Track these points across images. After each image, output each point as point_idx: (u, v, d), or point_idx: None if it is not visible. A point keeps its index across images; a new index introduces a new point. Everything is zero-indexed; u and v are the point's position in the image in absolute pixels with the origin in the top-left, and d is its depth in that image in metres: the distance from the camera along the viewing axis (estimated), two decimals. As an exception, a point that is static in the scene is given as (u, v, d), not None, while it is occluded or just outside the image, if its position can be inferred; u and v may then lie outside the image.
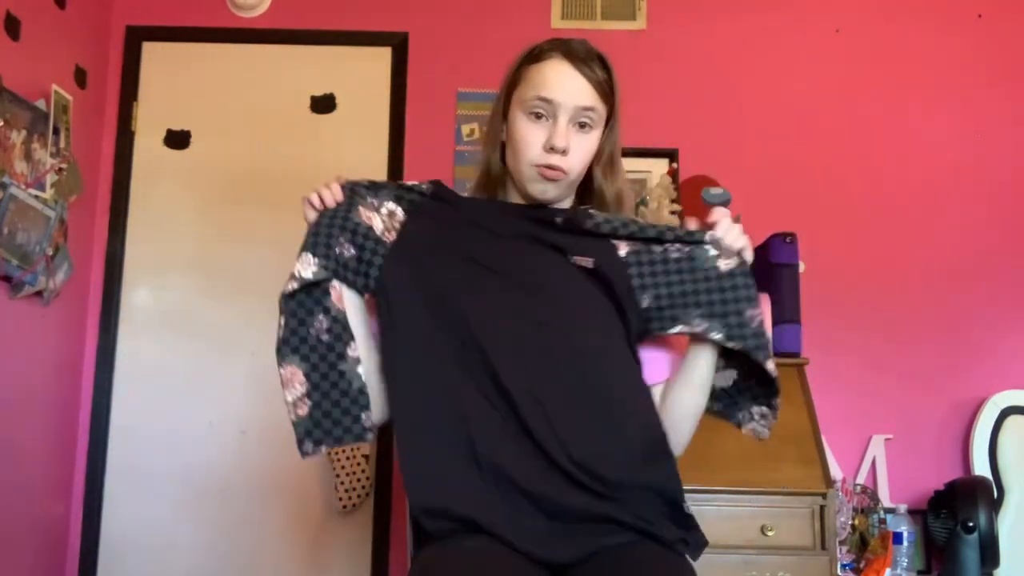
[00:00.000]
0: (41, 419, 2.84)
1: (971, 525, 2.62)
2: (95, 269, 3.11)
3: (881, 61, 3.20)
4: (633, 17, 3.24)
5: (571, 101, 1.42)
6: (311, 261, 1.36)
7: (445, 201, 1.46)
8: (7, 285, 2.58)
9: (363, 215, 1.41)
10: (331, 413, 1.36)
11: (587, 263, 1.38)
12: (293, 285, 1.35)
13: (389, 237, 1.41)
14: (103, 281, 3.11)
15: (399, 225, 1.42)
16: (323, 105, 3.22)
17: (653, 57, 3.19)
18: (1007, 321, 3.05)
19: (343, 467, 2.94)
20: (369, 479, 2.98)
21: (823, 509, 2.40)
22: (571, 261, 1.39)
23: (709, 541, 1.42)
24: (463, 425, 1.32)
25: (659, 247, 1.39)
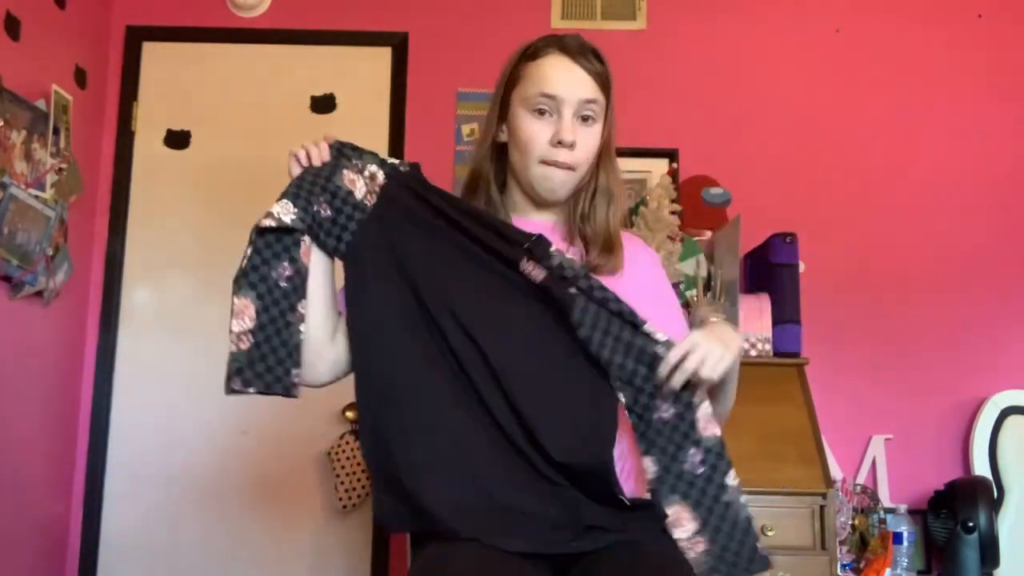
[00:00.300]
0: (41, 419, 2.84)
1: (971, 525, 2.62)
2: (95, 269, 3.11)
3: (881, 61, 3.20)
4: (633, 17, 3.24)
5: (574, 95, 1.43)
6: (291, 208, 1.38)
7: (417, 193, 1.44)
8: (7, 285, 2.58)
9: (346, 178, 1.43)
10: (267, 358, 1.39)
11: (538, 274, 1.36)
12: (269, 222, 1.37)
13: (370, 200, 1.43)
14: (103, 281, 3.11)
15: (379, 189, 1.44)
16: (323, 105, 3.22)
17: (653, 57, 3.19)
18: (1007, 321, 3.05)
19: (343, 467, 2.94)
20: (369, 479, 2.98)
21: (823, 509, 2.40)
22: (520, 269, 1.37)
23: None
24: (446, 436, 1.34)
25: (603, 310, 1.35)
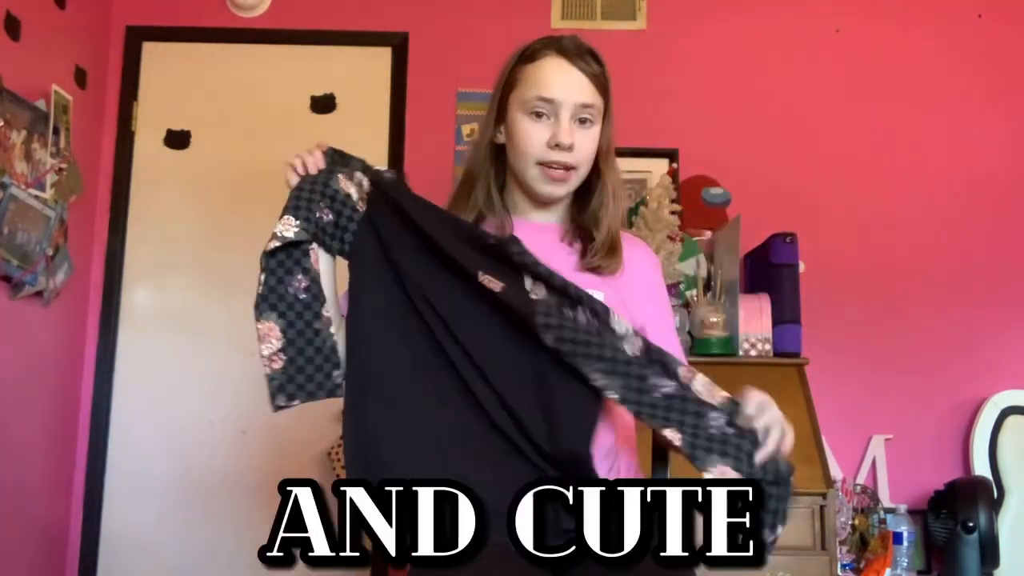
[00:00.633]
0: (41, 419, 2.84)
1: (971, 525, 2.62)
2: (95, 269, 3.11)
3: (881, 61, 3.20)
4: (633, 17, 3.24)
5: (571, 98, 1.43)
6: (292, 222, 1.40)
7: (395, 202, 1.45)
8: (7, 285, 2.58)
9: (342, 183, 1.46)
10: (304, 368, 1.41)
11: (495, 286, 1.34)
12: (275, 243, 1.40)
13: (361, 206, 1.46)
14: (103, 281, 3.11)
15: (366, 195, 1.47)
16: (323, 105, 3.22)
17: (653, 57, 3.19)
18: (1007, 321, 3.05)
19: (343, 467, 2.93)
20: (369, 479, 2.98)
21: (823, 509, 2.40)
22: (479, 279, 1.35)
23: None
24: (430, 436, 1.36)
25: (569, 311, 1.33)
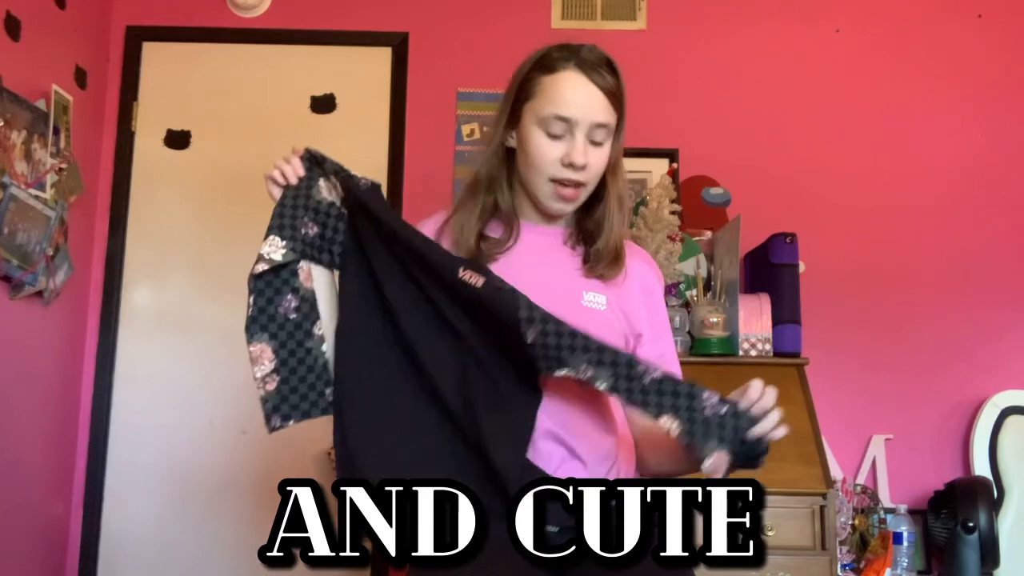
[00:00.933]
0: (41, 419, 2.83)
1: (971, 525, 2.62)
2: (95, 269, 3.11)
3: (881, 61, 3.20)
4: (633, 17, 3.24)
5: (588, 118, 1.42)
6: (279, 243, 1.41)
7: (368, 211, 1.44)
8: (7, 285, 2.58)
9: (324, 190, 1.46)
10: (298, 388, 1.42)
11: (476, 281, 1.35)
12: (262, 267, 1.40)
13: (345, 212, 1.46)
14: (103, 281, 3.11)
15: (342, 200, 1.46)
16: (323, 105, 3.22)
17: (653, 57, 3.18)
18: (1007, 321, 3.05)
19: (343, 467, 2.94)
20: (369, 479, 2.98)
21: (823, 509, 2.40)
22: (460, 275, 1.35)
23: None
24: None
25: (552, 319, 1.32)
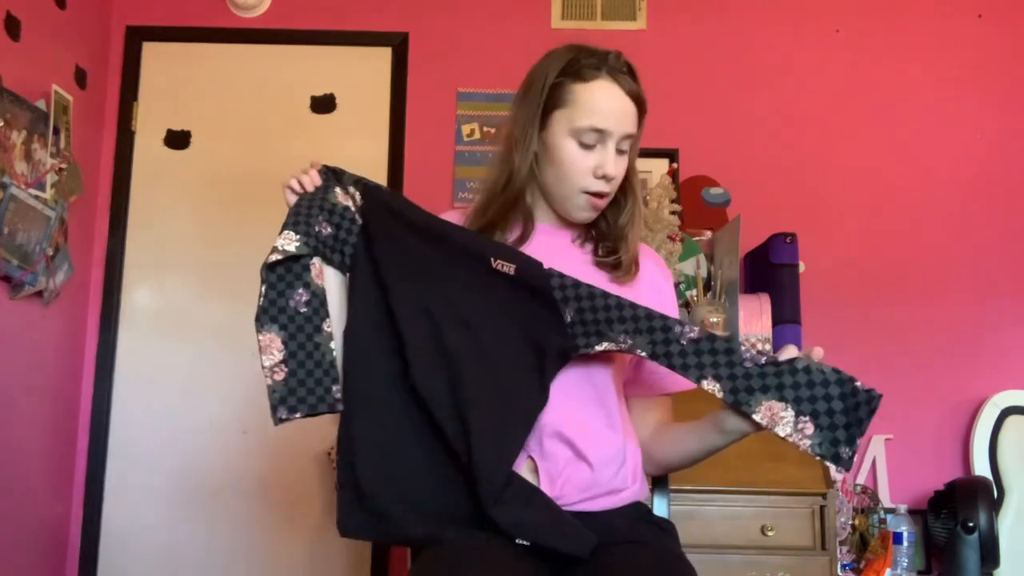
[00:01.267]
0: (41, 419, 2.84)
1: (971, 525, 2.62)
2: (95, 269, 3.12)
3: (881, 61, 3.20)
4: (633, 17, 3.24)
5: (620, 129, 1.44)
6: (293, 237, 1.43)
7: (392, 209, 1.47)
8: (7, 285, 2.58)
9: (339, 196, 1.48)
10: (305, 382, 1.42)
11: (509, 269, 1.38)
12: (275, 256, 1.42)
13: (360, 219, 1.48)
14: (103, 281, 3.11)
15: (359, 207, 1.48)
16: (323, 105, 3.23)
17: (653, 57, 3.18)
18: (1007, 321, 3.05)
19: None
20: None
21: (823, 509, 2.40)
22: (493, 265, 1.39)
23: (710, 541, 1.42)
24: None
25: (582, 283, 1.37)
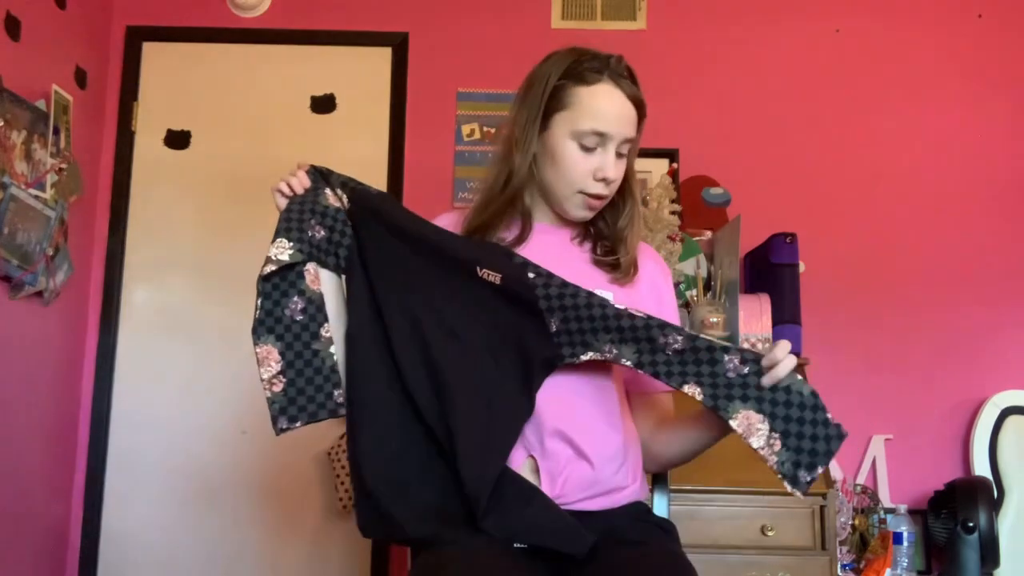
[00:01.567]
0: (41, 419, 2.83)
1: (971, 525, 2.62)
2: (95, 269, 3.11)
3: (881, 61, 3.20)
4: (633, 17, 3.24)
5: (621, 133, 1.45)
6: (286, 245, 1.42)
7: (379, 214, 1.46)
8: (7, 285, 2.58)
9: (330, 198, 1.48)
10: (305, 390, 1.43)
11: (495, 278, 1.38)
12: (270, 267, 1.42)
13: (350, 221, 1.48)
14: (103, 281, 3.11)
15: (347, 210, 1.48)
16: (323, 105, 3.23)
17: (653, 57, 3.18)
18: (1007, 321, 3.05)
19: (343, 467, 2.94)
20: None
21: (823, 509, 2.40)
22: (479, 274, 1.39)
23: (710, 541, 1.42)
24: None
25: (566, 289, 1.36)
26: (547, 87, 1.45)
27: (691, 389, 1.28)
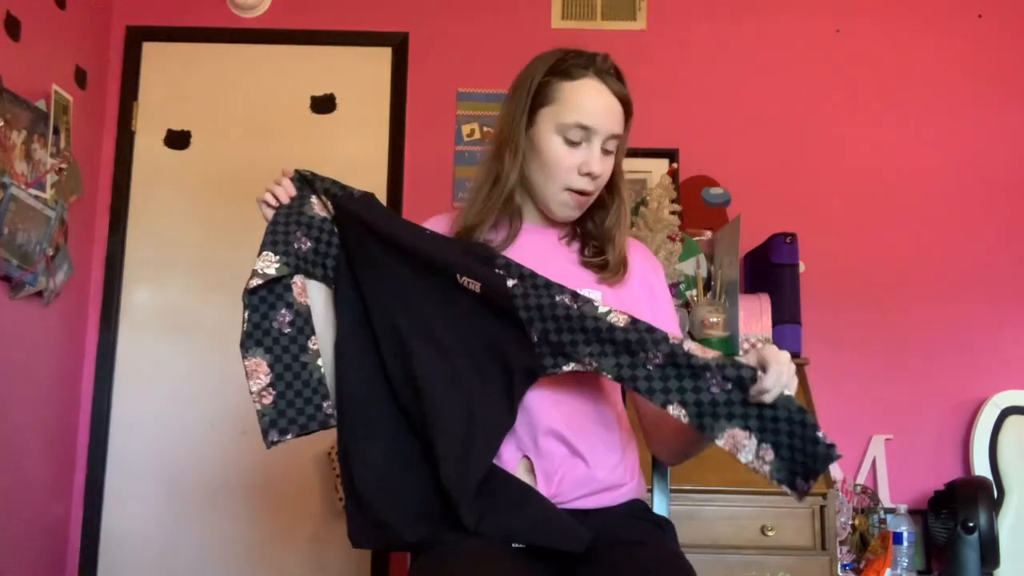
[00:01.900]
0: (41, 419, 2.83)
1: (971, 525, 2.62)
2: (95, 269, 3.11)
3: (881, 61, 3.20)
4: (633, 17, 3.24)
5: (607, 128, 1.44)
6: (272, 258, 1.42)
7: (363, 219, 1.45)
8: (7, 285, 2.58)
9: (316, 207, 1.47)
10: (294, 402, 1.42)
11: (474, 287, 1.38)
12: (256, 281, 1.41)
13: (336, 229, 1.47)
14: (103, 281, 3.11)
15: (332, 216, 1.48)
16: (323, 105, 3.23)
17: (653, 57, 3.19)
18: (1007, 321, 3.05)
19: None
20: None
21: (823, 509, 2.40)
22: (459, 281, 1.39)
23: (709, 541, 1.42)
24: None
25: (547, 298, 1.35)
26: (532, 84, 1.46)
27: (676, 411, 1.28)
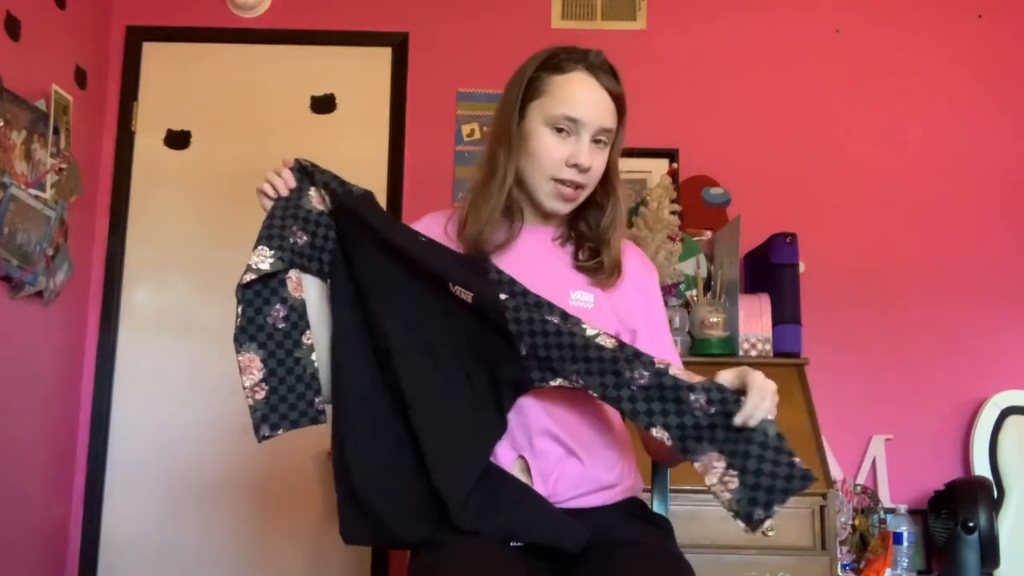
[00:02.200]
0: (41, 419, 2.83)
1: (971, 525, 2.62)
2: (95, 269, 3.11)
3: (881, 61, 3.20)
4: (633, 17, 3.24)
5: (596, 121, 1.44)
6: (267, 253, 1.42)
7: (360, 218, 1.45)
8: (7, 285, 2.58)
9: (314, 200, 1.46)
10: (287, 398, 1.43)
11: (467, 296, 1.38)
12: (250, 276, 1.41)
13: (334, 223, 1.47)
14: (103, 281, 3.11)
15: (331, 211, 1.47)
16: (323, 105, 3.22)
17: (653, 57, 3.19)
18: (1007, 321, 3.05)
19: (343, 467, 2.94)
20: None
21: (823, 509, 2.40)
22: (451, 290, 1.39)
23: (709, 541, 1.42)
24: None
25: (537, 315, 1.35)
26: (524, 79, 1.47)
27: (659, 433, 1.29)
